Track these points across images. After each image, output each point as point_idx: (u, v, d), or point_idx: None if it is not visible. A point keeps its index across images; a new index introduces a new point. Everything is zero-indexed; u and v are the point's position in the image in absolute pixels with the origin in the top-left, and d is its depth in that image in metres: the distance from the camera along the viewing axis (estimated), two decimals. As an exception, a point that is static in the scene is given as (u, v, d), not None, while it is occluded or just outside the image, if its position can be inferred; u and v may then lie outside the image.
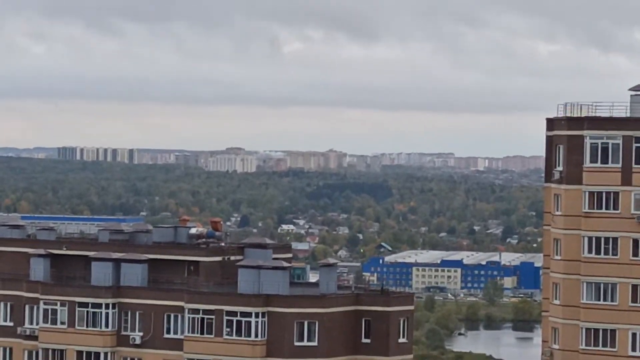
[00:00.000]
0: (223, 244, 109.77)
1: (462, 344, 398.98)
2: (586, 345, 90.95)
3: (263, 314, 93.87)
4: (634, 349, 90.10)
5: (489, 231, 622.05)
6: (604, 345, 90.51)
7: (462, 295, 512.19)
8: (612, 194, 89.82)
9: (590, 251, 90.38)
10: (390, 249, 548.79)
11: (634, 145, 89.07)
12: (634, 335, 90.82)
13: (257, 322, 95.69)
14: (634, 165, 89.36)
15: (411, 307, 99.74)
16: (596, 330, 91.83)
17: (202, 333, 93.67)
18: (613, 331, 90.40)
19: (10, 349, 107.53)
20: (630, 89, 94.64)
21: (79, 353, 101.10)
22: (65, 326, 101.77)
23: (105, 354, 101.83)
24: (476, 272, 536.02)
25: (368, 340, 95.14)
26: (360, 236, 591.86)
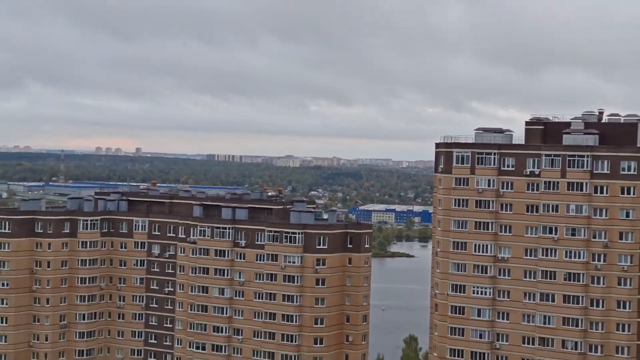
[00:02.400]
0: (283, 200, 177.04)
1: (394, 248, 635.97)
2: (453, 248, 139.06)
3: (301, 233, 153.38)
4: (477, 250, 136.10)
5: (408, 196, 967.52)
6: (462, 249, 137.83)
7: (394, 225, 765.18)
8: (467, 179, 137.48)
9: (455, 205, 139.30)
10: (361, 203, 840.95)
11: (477, 156, 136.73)
12: (477, 245, 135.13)
13: (298, 236, 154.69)
14: (476, 166, 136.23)
15: (370, 230, 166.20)
16: (456, 242, 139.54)
17: (273, 241, 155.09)
18: (464, 242, 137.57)
19: (182, 249, 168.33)
20: (476, 129, 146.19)
21: (215, 250, 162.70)
22: (220, 238, 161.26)
23: (230, 251, 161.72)
24: (402, 215, 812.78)
25: (351, 246, 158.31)
26: (348, 197, 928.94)
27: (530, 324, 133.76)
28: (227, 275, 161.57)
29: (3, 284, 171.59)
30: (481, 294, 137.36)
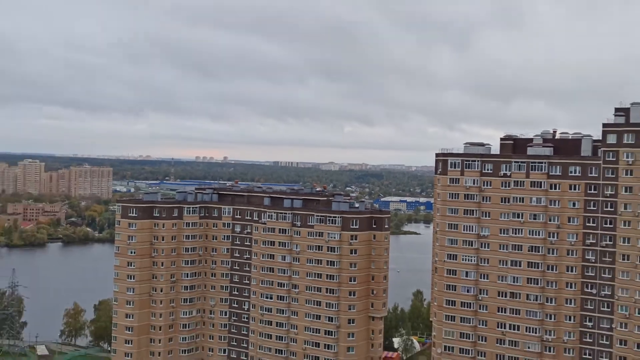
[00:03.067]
0: (327, 194, 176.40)
1: (406, 227, 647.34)
2: (448, 228, 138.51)
3: (339, 216, 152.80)
4: (465, 230, 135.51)
5: (416, 190, 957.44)
6: (454, 228, 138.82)
7: (406, 212, 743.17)
8: (457, 179, 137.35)
9: (449, 197, 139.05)
10: (382, 196, 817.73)
11: (465, 162, 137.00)
12: (465, 225, 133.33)
13: (337, 219, 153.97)
14: (465, 169, 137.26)
15: (388, 215, 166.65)
16: (450, 224, 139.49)
17: (320, 222, 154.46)
18: (456, 224, 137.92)
19: (256, 227, 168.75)
20: (464, 143, 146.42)
21: (279, 229, 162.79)
22: (282, 220, 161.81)
23: (289, 229, 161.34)
24: (411, 204, 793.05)
25: (375, 226, 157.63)
26: (372, 192, 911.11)
27: (504, 282, 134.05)
28: (287, 247, 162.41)
29: (131, 252, 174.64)
30: (468, 260, 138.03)
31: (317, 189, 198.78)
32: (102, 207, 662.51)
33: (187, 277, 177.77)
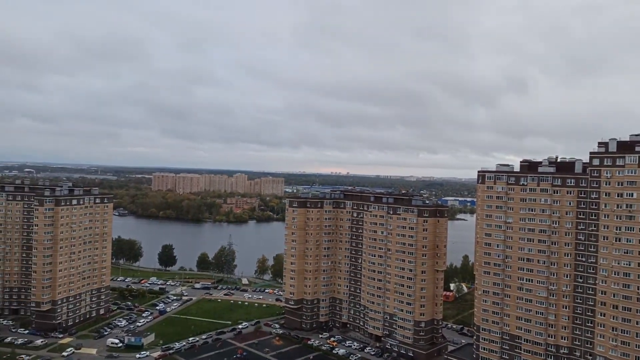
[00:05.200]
0: (408, 195, 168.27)
1: (458, 216, 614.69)
2: (485, 217, 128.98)
3: (416, 208, 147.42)
4: (496, 218, 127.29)
5: (464, 193, 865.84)
6: (489, 217, 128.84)
7: (458, 206, 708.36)
8: (491, 186, 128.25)
9: (486, 198, 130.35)
10: (443, 196, 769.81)
11: (496, 176, 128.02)
12: (496, 215, 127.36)
13: (415, 210, 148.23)
14: (496, 181, 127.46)
15: (447, 208, 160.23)
16: (486, 214, 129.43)
17: (404, 212, 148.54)
18: (490, 214, 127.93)
19: (365, 214, 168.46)
20: (496, 164, 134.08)
21: (379, 215, 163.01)
22: (380, 210, 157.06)
23: (385, 216, 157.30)
24: (462, 202, 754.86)
25: (439, 214, 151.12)
26: (436, 194, 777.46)
27: (522, 251, 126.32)
28: (384, 226, 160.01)
29: (294, 227, 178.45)
30: (498, 237, 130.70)
31: (402, 192, 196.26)
32: (278, 200, 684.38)
33: (325, 242, 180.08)
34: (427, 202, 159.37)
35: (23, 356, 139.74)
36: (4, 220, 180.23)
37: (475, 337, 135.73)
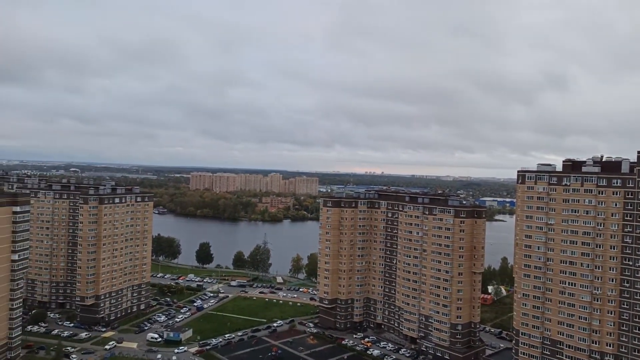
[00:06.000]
0: (444, 194, 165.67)
1: (497, 217, 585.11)
2: (525, 218, 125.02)
3: (453, 209, 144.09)
4: (536, 219, 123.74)
5: (503, 193, 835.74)
6: (530, 218, 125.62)
7: (497, 207, 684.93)
8: (532, 187, 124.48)
9: (526, 198, 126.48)
10: (481, 196, 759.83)
11: (537, 176, 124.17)
12: (537, 216, 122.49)
13: (452, 210, 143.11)
14: (537, 181, 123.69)
15: (485, 208, 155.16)
16: (527, 215, 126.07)
17: (440, 212, 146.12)
18: (531, 215, 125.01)
19: (400, 214, 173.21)
20: (537, 164, 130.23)
21: (414, 216, 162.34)
22: (415, 210, 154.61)
23: (420, 216, 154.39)
24: (500, 202, 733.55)
25: (476, 215, 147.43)
26: (474, 194, 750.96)
27: (564, 254, 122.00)
28: (419, 226, 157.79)
29: (328, 226, 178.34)
30: (538, 239, 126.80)
31: (439, 192, 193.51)
32: (312, 200, 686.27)
33: (360, 242, 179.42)
34: (464, 202, 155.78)
35: (69, 348, 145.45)
36: (52, 218, 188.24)
37: (514, 342, 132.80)
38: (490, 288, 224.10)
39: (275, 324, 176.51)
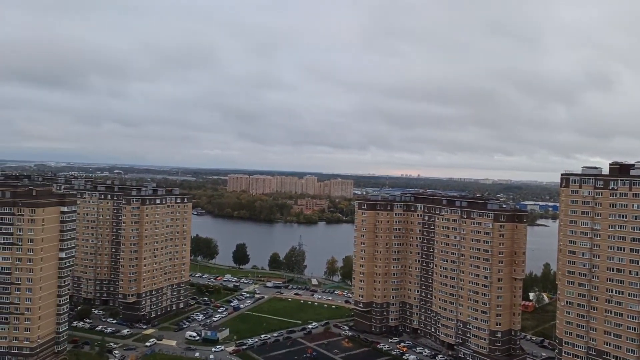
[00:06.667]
0: (483, 198, 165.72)
1: (539, 222, 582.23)
2: (569, 223, 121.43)
3: (492, 213, 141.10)
4: (582, 224, 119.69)
5: (545, 197, 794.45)
6: (574, 223, 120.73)
7: (538, 212, 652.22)
8: (577, 190, 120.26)
9: (570, 202, 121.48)
10: (522, 200, 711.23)
11: (582, 179, 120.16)
12: (582, 222, 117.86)
13: (491, 214, 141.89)
14: (582, 184, 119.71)
15: (526, 213, 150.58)
16: (571, 220, 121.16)
17: (478, 216, 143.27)
18: (575, 220, 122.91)
19: (437, 218, 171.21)
20: (582, 167, 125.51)
21: (452, 219, 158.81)
22: (453, 213, 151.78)
23: (458, 219, 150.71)
24: (543, 207, 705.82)
25: (517, 219, 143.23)
26: (514, 198, 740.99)
27: (611, 261, 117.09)
28: (457, 230, 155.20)
29: (363, 229, 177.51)
30: (584, 245, 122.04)
31: (477, 195, 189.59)
32: (347, 202, 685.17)
33: (395, 245, 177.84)
34: (504, 206, 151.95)
35: (111, 344, 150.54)
36: (97, 217, 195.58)
37: (557, 351, 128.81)
38: (531, 295, 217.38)
39: (310, 326, 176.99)
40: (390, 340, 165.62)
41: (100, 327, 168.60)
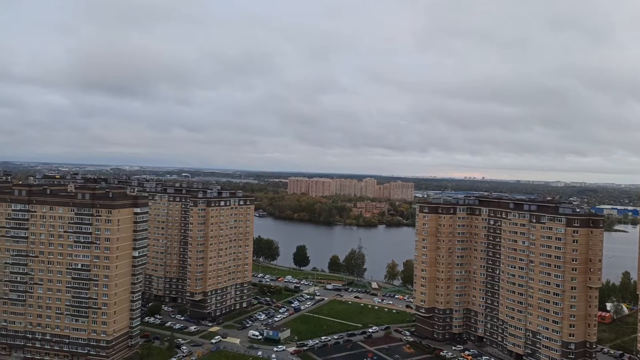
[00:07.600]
0: (555, 202, 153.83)
1: (617, 227, 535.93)
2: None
3: (564, 217, 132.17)
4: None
5: (625, 201, 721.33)
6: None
7: (616, 216, 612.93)
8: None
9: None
10: (597, 204, 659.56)
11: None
12: None
13: (563, 218, 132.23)
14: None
15: (602, 217, 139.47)
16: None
17: (549, 220, 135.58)
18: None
19: (503, 222, 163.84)
20: None
21: (520, 224, 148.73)
22: (521, 217, 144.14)
23: (527, 224, 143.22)
24: (621, 211, 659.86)
25: (592, 224, 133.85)
26: (589, 201, 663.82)
27: None
28: (525, 235, 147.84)
29: (425, 233, 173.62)
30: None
31: (547, 198, 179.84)
32: (407, 205, 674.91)
33: (459, 250, 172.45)
34: (578, 210, 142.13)
35: (180, 340, 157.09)
36: (166, 219, 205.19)
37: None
38: (609, 305, 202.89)
39: (370, 330, 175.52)
40: (453, 348, 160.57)
41: (169, 323, 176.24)
